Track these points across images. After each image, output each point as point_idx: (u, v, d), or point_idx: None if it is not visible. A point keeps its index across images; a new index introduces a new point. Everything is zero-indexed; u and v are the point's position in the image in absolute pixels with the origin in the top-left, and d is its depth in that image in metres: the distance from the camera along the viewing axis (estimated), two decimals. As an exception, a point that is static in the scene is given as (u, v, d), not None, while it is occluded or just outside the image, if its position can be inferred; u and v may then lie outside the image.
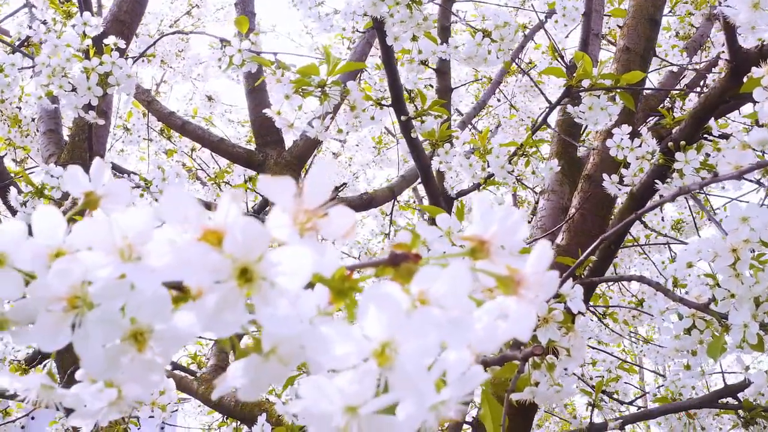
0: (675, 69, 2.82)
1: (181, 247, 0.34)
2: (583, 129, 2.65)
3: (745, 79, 1.53)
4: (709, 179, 0.85)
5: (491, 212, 0.43)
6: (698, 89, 2.74)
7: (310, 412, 0.36)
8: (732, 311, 1.28)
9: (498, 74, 3.81)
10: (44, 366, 3.18)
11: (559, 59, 2.63)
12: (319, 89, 1.50)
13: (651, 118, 2.62)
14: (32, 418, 3.03)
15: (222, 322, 0.35)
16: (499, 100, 4.59)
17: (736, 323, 1.26)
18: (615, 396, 2.71)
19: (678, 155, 1.61)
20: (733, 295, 1.29)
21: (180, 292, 0.40)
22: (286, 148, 3.36)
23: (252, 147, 3.45)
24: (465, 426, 2.29)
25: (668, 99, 2.77)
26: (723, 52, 2.44)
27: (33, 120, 2.85)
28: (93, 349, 0.38)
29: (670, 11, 2.86)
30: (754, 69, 1.33)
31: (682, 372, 1.60)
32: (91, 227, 0.38)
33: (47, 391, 0.48)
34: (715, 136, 1.80)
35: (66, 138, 2.73)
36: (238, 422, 3.33)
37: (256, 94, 3.37)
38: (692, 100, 2.54)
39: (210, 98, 4.83)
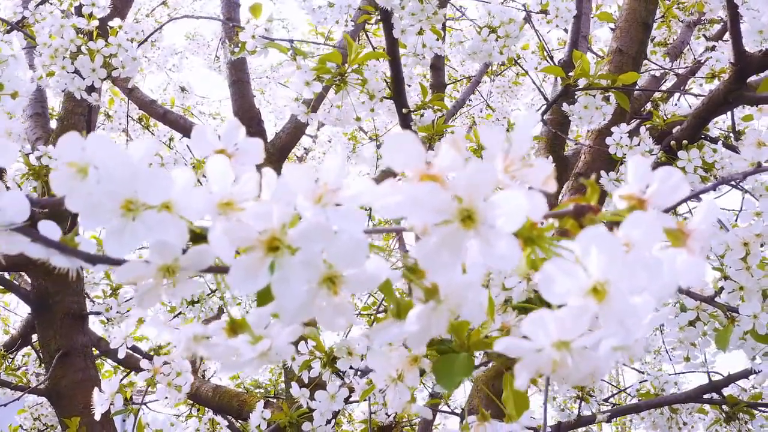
0: (657, 73, 2.89)
1: (410, 186, 0.36)
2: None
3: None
4: (753, 169, 0.88)
5: (649, 173, 0.45)
6: (678, 93, 2.81)
7: (518, 348, 0.38)
8: (742, 302, 1.32)
9: (478, 73, 3.85)
10: (17, 351, 3.13)
11: (548, 59, 2.68)
12: (339, 77, 1.51)
13: (633, 120, 2.68)
14: (4, 406, 2.98)
15: (440, 261, 0.37)
16: (470, 100, 4.63)
17: (746, 314, 1.31)
18: (591, 393, 2.76)
19: (681, 154, 1.65)
20: (741, 288, 1.34)
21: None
22: (268, 140, 3.36)
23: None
24: (454, 417, 2.32)
25: (650, 102, 2.83)
26: (710, 57, 2.50)
27: (14, 104, 2.79)
28: (293, 292, 0.39)
29: (662, 17, 2.93)
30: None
31: (683, 364, 1.64)
32: (294, 171, 0.40)
33: (198, 342, 0.49)
34: (711, 138, 1.86)
35: (53, 122, 2.70)
36: (214, 413, 3.32)
37: (239, 86, 3.36)
38: (677, 104, 2.61)
39: (183, 89, 4.79)
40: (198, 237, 0.47)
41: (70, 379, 2.32)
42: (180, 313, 3.53)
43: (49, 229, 0.50)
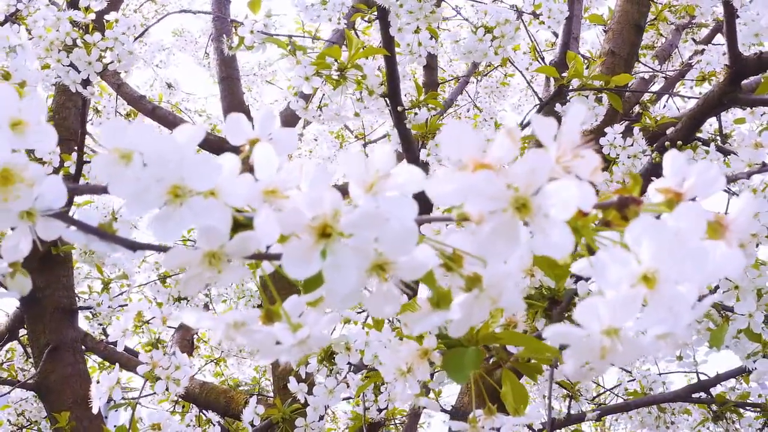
0: (646, 76, 2.91)
1: (467, 175, 0.36)
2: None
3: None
4: (758, 169, 0.90)
5: (685, 167, 0.46)
6: (667, 95, 2.84)
7: (567, 335, 0.39)
8: (737, 302, 1.34)
9: (466, 73, 3.86)
10: (2, 346, 3.11)
11: (539, 60, 2.70)
12: (338, 72, 1.52)
13: (623, 121, 2.70)
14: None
15: (495, 250, 0.37)
16: (456, 100, 4.64)
17: (741, 313, 1.33)
18: (580, 392, 2.78)
19: (675, 154, 1.67)
20: (736, 287, 1.36)
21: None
22: (257, 137, 3.35)
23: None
24: (443, 414, 2.33)
25: (638, 104, 2.86)
26: (699, 60, 2.53)
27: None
28: (346, 278, 0.40)
29: (653, 19, 2.96)
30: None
31: (669, 364, 1.67)
32: (346, 159, 0.40)
33: (237, 329, 0.49)
34: (703, 141, 1.88)
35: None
36: (200, 409, 3.31)
37: (229, 82, 3.36)
38: (665, 106, 2.63)
39: (170, 86, 4.77)
40: (237, 225, 0.47)
41: (60, 373, 2.31)
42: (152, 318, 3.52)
43: (87, 215, 0.50)
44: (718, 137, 2.38)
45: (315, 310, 0.51)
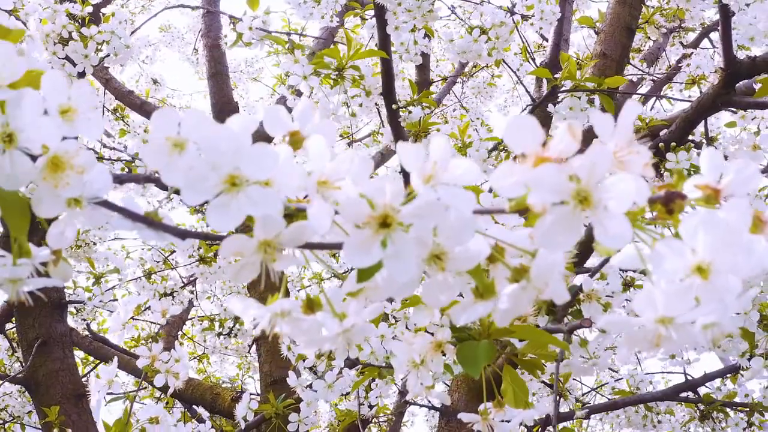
0: (634, 78, 2.95)
1: (532, 168, 0.38)
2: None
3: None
4: (759, 169, 0.92)
5: (722, 164, 0.47)
6: (655, 97, 2.87)
7: (621, 324, 0.40)
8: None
9: (454, 73, 3.88)
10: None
11: (530, 61, 2.72)
12: (336, 72, 1.53)
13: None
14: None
15: (555, 240, 0.39)
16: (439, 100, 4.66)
17: (737, 311, 1.35)
18: (569, 390, 2.81)
19: (669, 155, 1.70)
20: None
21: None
22: (246, 134, 3.35)
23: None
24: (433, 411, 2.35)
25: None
26: (688, 64, 2.56)
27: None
28: (406, 267, 0.41)
29: (644, 23, 2.99)
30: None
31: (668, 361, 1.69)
32: (409, 150, 0.41)
33: (283, 318, 0.50)
34: (695, 143, 1.91)
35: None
36: (185, 406, 3.31)
37: (218, 78, 3.35)
38: (654, 108, 2.66)
39: (155, 81, 4.76)
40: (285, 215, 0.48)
41: (49, 368, 2.30)
42: (148, 308, 3.50)
43: (132, 203, 0.51)
44: (704, 140, 2.41)
45: (356, 300, 0.52)
